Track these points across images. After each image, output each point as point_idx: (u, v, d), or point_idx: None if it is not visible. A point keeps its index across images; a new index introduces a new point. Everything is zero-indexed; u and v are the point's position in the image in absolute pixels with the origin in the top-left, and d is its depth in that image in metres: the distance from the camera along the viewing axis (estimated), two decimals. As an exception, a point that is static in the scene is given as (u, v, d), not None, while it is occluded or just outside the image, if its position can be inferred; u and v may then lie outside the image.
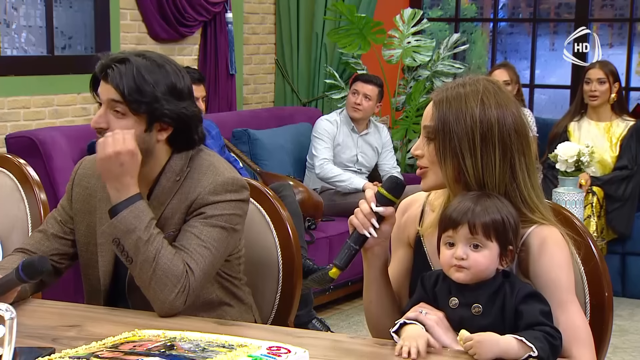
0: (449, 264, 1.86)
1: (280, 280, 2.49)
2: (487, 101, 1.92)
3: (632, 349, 4.67)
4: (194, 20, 5.81)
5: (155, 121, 2.21)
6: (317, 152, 5.52)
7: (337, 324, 4.97)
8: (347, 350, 1.93)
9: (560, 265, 1.89)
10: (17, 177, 2.81)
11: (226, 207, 2.23)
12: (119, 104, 2.18)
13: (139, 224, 2.12)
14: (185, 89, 2.25)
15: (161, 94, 2.19)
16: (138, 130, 2.19)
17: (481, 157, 1.91)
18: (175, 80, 2.23)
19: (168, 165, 2.26)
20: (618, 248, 5.56)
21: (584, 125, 5.58)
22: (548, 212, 1.97)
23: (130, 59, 2.21)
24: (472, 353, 1.76)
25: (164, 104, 2.20)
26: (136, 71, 2.18)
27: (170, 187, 2.25)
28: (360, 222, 1.96)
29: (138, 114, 2.19)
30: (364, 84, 5.54)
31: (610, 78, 5.46)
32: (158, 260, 2.11)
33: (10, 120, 4.82)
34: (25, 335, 1.88)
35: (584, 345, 1.87)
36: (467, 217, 1.84)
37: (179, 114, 2.22)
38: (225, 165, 2.32)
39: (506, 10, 8.49)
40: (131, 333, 1.85)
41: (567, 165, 4.89)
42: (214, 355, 1.64)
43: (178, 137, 2.26)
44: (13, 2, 4.99)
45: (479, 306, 1.84)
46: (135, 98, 2.17)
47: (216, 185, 2.23)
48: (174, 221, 2.23)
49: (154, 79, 2.19)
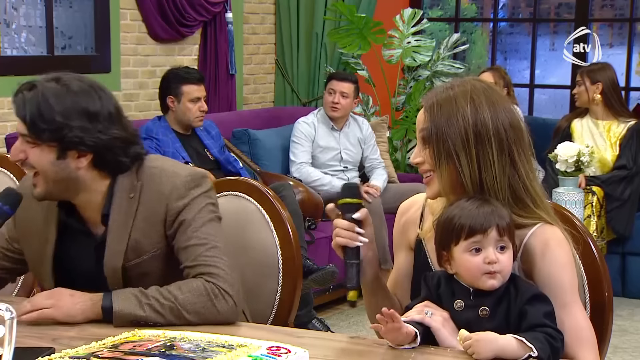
0: (482, 270, 1.83)
1: (281, 280, 2.49)
2: (477, 99, 1.92)
3: (632, 349, 4.67)
4: (194, 20, 5.81)
5: (67, 149, 2.09)
6: (294, 157, 5.51)
7: (337, 324, 4.97)
8: (347, 350, 1.93)
9: (563, 266, 1.89)
10: (16, 177, 2.82)
11: (198, 203, 2.17)
12: (26, 135, 2.09)
13: (135, 303, 2.04)
14: (102, 111, 2.11)
15: (70, 119, 2.06)
16: (48, 159, 2.09)
17: (477, 156, 1.90)
18: (87, 104, 2.09)
19: (116, 186, 2.17)
20: (618, 248, 5.56)
21: (586, 123, 5.60)
22: (549, 207, 1.97)
23: (38, 85, 2.10)
24: (471, 352, 1.76)
25: (73, 130, 2.07)
26: (42, 97, 2.07)
27: (127, 206, 2.16)
28: (348, 237, 1.96)
29: (45, 142, 2.08)
30: (339, 82, 5.49)
31: (586, 81, 5.50)
32: (178, 303, 2.05)
33: (10, 120, 4.82)
34: (25, 335, 1.88)
35: (588, 347, 1.87)
36: (494, 219, 1.83)
37: (94, 139, 2.09)
38: (175, 164, 2.26)
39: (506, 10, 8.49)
40: (131, 333, 1.85)
41: (567, 165, 4.90)
42: (214, 355, 1.64)
43: (103, 162, 2.14)
44: (13, 2, 4.99)
45: (487, 309, 1.83)
46: (38, 126, 2.06)
47: (178, 188, 2.16)
48: (153, 240, 2.17)
49: (62, 104, 2.07)
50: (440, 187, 1.95)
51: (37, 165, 2.11)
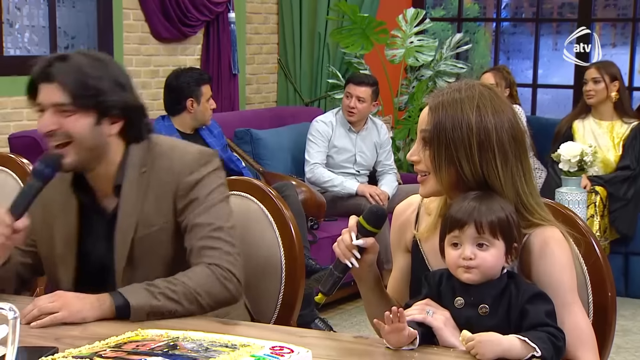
0: (456, 264, 1.86)
1: (283, 280, 2.49)
2: (483, 108, 1.91)
3: (635, 349, 4.66)
4: (196, 20, 5.82)
5: (104, 115, 2.19)
6: (309, 156, 5.47)
7: (339, 324, 4.96)
8: (350, 349, 1.93)
9: (562, 266, 1.89)
10: (20, 177, 2.82)
11: (210, 182, 2.24)
12: (64, 104, 2.15)
13: (147, 294, 2.06)
14: (127, 82, 2.24)
15: (106, 87, 2.18)
16: (87, 125, 2.17)
17: (480, 164, 1.90)
18: (117, 74, 2.22)
19: (129, 158, 2.24)
20: (621, 248, 5.55)
21: (588, 123, 5.58)
22: (546, 212, 1.96)
23: (71, 56, 2.19)
24: (474, 353, 1.76)
25: (110, 96, 2.18)
26: (79, 67, 2.16)
27: (138, 179, 2.23)
28: (342, 253, 1.96)
29: (85, 110, 2.16)
30: (356, 87, 5.43)
31: (605, 77, 5.48)
32: (189, 287, 2.09)
33: (14, 120, 4.83)
34: (28, 335, 1.88)
35: (588, 347, 1.87)
36: (473, 216, 1.84)
37: (126, 104, 2.21)
38: (184, 142, 2.34)
39: (509, 10, 8.49)
40: (134, 333, 1.85)
41: (570, 165, 4.89)
42: (216, 355, 1.63)
43: (130, 129, 2.24)
44: (16, 2, 5.00)
45: (486, 307, 1.83)
46: (81, 93, 2.15)
47: (189, 164, 2.24)
48: (163, 212, 2.22)
49: (97, 73, 2.17)
50: (436, 187, 1.95)
51: (74, 133, 2.16)
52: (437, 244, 1.93)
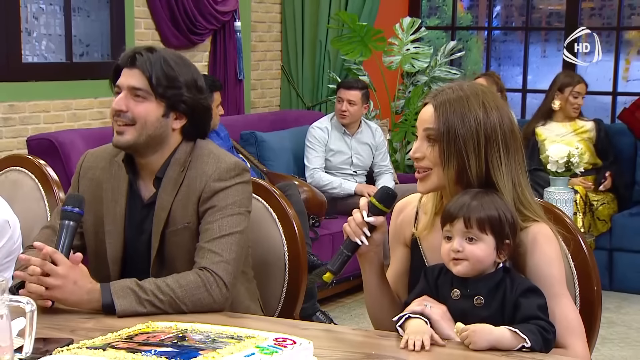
0: (448, 256, 1.86)
1: (287, 274, 2.49)
2: (487, 104, 1.91)
3: (619, 340, 4.66)
4: (204, 29, 5.81)
5: (172, 109, 2.22)
6: (309, 162, 5.48)
7: (340, 317, 4.96)
8: (350, 341, 1.93)
9: (551, 259, 1.89)
10: (37, 177, 2.81)
11: (235, 193, 2.21)
12: (141, 89, 2.19)
13: (134, 300, 2.03)
14: (202, 84, 2.27)
15: (184, 84, 2.21)
16: (156, 114, 2.20)
17: (485, 159, 1.89)
18: (196, 75, 2.26)
19: (174, 156, 2.24)
20: (605, 244, 5.56)
21: (550, 126, 5.71)
22: (539, 207, 1.96)
23: (158, 49, 2.24)
24: (467, 343, 1.76)
25: (184, 93, 2.21)
26: (163, 59, 2.21)
27: (175, 179, 2.23)
28: (353, 231, 1.95)
29: (159, 99, 2.19)
30: (346, 91, 5.42)
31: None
32: (176, 297, 2.05)
33: (31, 124, 4.83)
34: (44, 327, 1.88)
35: (577, 335, 1.87)
36: (462, 211, 1.84)
37: (197, 104, 2.24)
38: (224, 151, 2.32)
39: (500, 19, 8.48)
40: (145, 325, 1.85)
41: (557, 166, 4.90)
42: (223, 346, 1.63)
43: (191, 128, 2.26)
44: (34, 11, 4.99)
45: (481, 298, 1.83)
46: (161, 82, 2.19)
47: (220, 171, 2.22)
48: (188, 213, 2.21)
49: (177, 68, 2.22)
50: (437, 183, 1.94)
51: (142, 118, 2.19)
52: (435, 242, 1.93)
